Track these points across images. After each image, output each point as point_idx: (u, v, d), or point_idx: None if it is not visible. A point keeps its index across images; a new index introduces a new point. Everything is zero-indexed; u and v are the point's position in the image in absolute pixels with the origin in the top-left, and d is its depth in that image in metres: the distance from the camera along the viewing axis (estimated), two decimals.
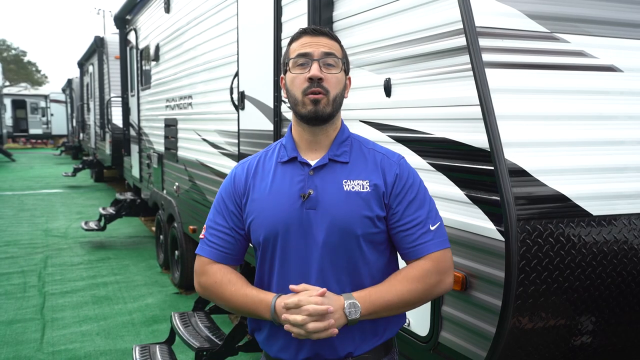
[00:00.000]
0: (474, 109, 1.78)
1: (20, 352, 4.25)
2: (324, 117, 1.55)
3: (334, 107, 1.57)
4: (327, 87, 1.54)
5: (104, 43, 11.73)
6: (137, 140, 7.81)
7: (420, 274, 1.53)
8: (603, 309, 1.78)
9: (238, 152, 3.90)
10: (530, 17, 1.83)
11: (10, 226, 9.15)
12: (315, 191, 1.55)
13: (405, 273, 1.55)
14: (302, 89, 1.54)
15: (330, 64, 1.55)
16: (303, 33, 1.59)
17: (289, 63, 1.57)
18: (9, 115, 30.85)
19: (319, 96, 1.53)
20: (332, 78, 1.55)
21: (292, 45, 1.60)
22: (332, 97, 1.55)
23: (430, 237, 1.56)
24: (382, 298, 1.50)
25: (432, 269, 1.54)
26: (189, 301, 5.37)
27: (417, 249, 1.55)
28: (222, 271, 1.62)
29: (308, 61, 1.54)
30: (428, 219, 1.57)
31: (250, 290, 1.57)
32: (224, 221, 1.65)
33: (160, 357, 3.39)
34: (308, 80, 1.53)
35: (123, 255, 7.32)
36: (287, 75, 1.59)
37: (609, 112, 1.85)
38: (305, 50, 1.55)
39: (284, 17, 3.23)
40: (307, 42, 1.56)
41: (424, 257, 1.55)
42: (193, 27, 4.99)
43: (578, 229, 1.71)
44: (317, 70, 1.52)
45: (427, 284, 1.53)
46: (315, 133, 1.60)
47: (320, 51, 1.55)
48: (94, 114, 14.25)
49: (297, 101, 1.56)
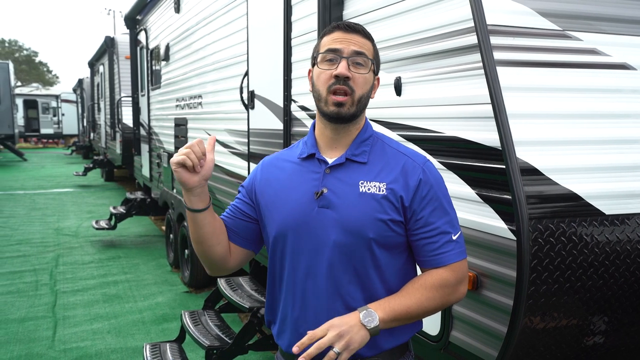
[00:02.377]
0: (485, 107, 1.77)
1: (33, 350, 4.29)
2: (347, 117, 1.52)
3: (359, 108, 1.53)
4: (353, 86, 1.50)
5: (114, 43, 11.80)
6: (147, 139, 7.85)
7: (439, 283, 1.51)
8: (616, 309, 1.77)
9: (248, 152, 3.91)
10: (542, 14, 1.82)
11: (22, 225, 9.23)
12: (329, 190, 1.53)
13: (424, 281, 1.52)
14: (327, 86, 1.50)
15: (359, 63, 1.50)
16: (336, 28, 1.53)
17: (318, 57, 1.53)
18: (20, 115, 31.08)
19: (343, 98, 1.49)
20: (360, 78, 1.50)
21: (323, 39, 1.55)
22: (357, 97, 1.51)
23: (452, 247, 1.52)
24: (401, 304, 1.48)
25: (451, 279, 1.52)
26: (199, 300, 5.39)
27: (437, 258, 1.52)
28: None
29: (337, 57, 1.49)
30: (451, 227, 1.54)
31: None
32: (238, 204, 1.69)
33: (171, 356, 3.41)
34: (334, 77, 1.49)
35: (133, 254, 7.36)
36: (314, 69, 1.55)
37: (621, 111, 1.84)
38: (336, 46, 1.50)
39: (294, 17, 3.23)
40: (339, 37, 1.51)
41: (443, 267, 1.52)
42: (203, 27, 5.01)
43: (590, 228, 1.69)
44: (344, 68, 1.48)
45: (444, 293, 1.52)
46: (337, 131, 1.57)
47: (351, 49, 1.50)
48: (105, 113, 14.34)
49: (321, 97, 1.52)
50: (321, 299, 1.53)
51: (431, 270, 1.54)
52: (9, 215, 10.10)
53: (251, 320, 3.37)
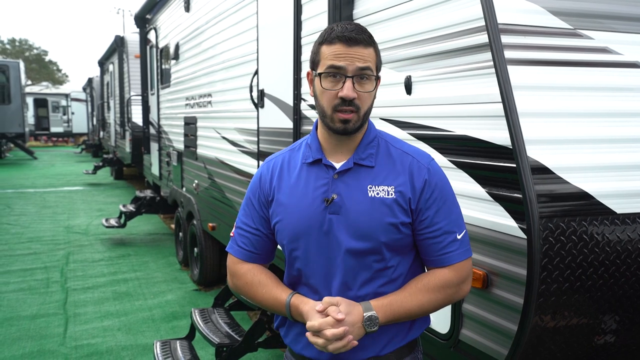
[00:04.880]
0: (496, 106, 1.77)
1: (44, 346, 4.33)
2: (352, 132, 1.52)
3: (364, 120, 1.52)
4: (359, 104, 1.48)
5: (124, 42, 11.85)
6: (157, 138, 7.89)
7: (441, 284, 1.53)
8: (627, 307, 1.76)
9: (257, 150, 3.92)
10: (553, 13, 1.81)
11: (33, 223, 9.31)
12: (339, 196, 1.52)
13: (427, 282, 1.53)
14: (333, 105, 1.48)
15: (364, 77, 1.47)
16: (337, 40, 1.46)
17: (321, 76, 1.48)
18: (31, 114, 31.31)
19: (349, 116, 1.47)
20: (365, 95, 1.48)
21: (323, 48, 1.49)
22: (363, 113, 1.50)
23: (456, 246, 1.54)
24: (402, 307, 1.51)
25: (454, 279, 1.53)
26: (208, 298, 5.42)
27: (442, 258, 1.54)
28: (252, 272, 1.64)
29: (341, 76, 1.46)
30: (456, 227, 1.55)
31: (278, 292, 1.59)
32: (251, 221, 1.66)
33: (181, 353, 3.43)
34: (339, 97, 1.46)
35: (143, 252, 7.40)
36: (316, 84, 1.52)
37: (632, 109, 1.83)
38: (339, 64, 1.45)
39: (304, 16, 3.24)
40: (341, 53, 1.45)
41: (447, 267, 1.54)
42: (213, 26, 5.03)
43: (601, 227, 1.69)
44: (350, 90, 1.45)
45: (447, 293, 1.54)
46: (341, 138, 1.55)
47: (355, 66, 1.45)
48: (114, 112, 14.41)
49: (326, 115, 1.50)
50: None
51: (435, 270, 1.55)
52: (20, 213, 10.18)
53: (260, 318, 3.39)
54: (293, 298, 1.54)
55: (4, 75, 21.27)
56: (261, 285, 1.61)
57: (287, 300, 1.55)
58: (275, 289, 1.59)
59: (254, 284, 1.62)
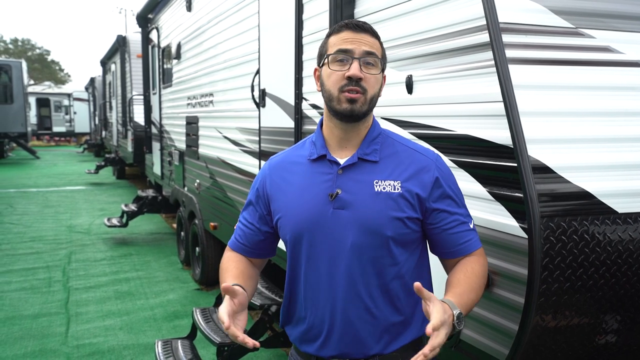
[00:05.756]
0: (497, 105, 1.77)
1: (46, 346, 4.33)
2: (359, 115, 1.52)
3: (370, 107, 1.54)
4: (366, 86, 1.50)
5: (126, 42, 11.87)
6: (159, 137, 7.90)
7: (484, 270, 1.58)
8: (629, 307, 1.76)
9: (259, 150, 3.93)
10: (555, 12, 1.81)
11: (35, 222, 9.33)
12: (343, 191, 1.53)
13: (472, 269, 1.54)
14: (339, 86, 1.50)
15: (370, 63, 1.50)
16: (344, 27, 1.52)
17: (328, 58, 1.52)
18: (33, 114, 31.38)
19: (356, 96, 1.49)
20: (371, 78, 1.51)
21: (331, 39, 1.55)
22: (370, 97, 1.52)
23: (472, 235, 1.59)
24: (471, 300, 1.50)
25: (485, 263, 1.60)
26: (210, 297, 5.42)
27: (465, 246, 1.57)
28: (228, 258, 1.71)
29: (348, 58, 1.49)
30: (467, 217, 1.60)
31: (228, 279, 1.58)
32: (249, 216, 1.72)
33: (182, 352, 3.43)
34: (346, 78, 1.49)
35: (145, 251, 7.41)
36: (324, 69, 1.55)
37: (634, 108, 1.82)
38: (347, 47, 1.49)
39: (305, 15, 3.24)
40: (349, 37, 1.50)
41: (475, 254, 1.58)
42: (214, 25, 5.03)
43: (603, 226, 1.69)
44: (357, 69, 1.48)
45: (485, 278, 1.59)
46: (346, 130, 1.57)
47: (362, 49, 1.49)
48: (116, 112, 14.43)
49: (333, 97, 1.52)
50: (338, 299, 1.54)
51: (465, 259, 1.57)
52: (23, 213, 10.21)
53: (262, 318, 3.39)
54: (223, 286, 1.45)
55: (6, 75, 21.32)
56: (225, 270, 1.66)
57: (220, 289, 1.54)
58: (229, 277, 1.60)
59: (223, 269, 1.68)
